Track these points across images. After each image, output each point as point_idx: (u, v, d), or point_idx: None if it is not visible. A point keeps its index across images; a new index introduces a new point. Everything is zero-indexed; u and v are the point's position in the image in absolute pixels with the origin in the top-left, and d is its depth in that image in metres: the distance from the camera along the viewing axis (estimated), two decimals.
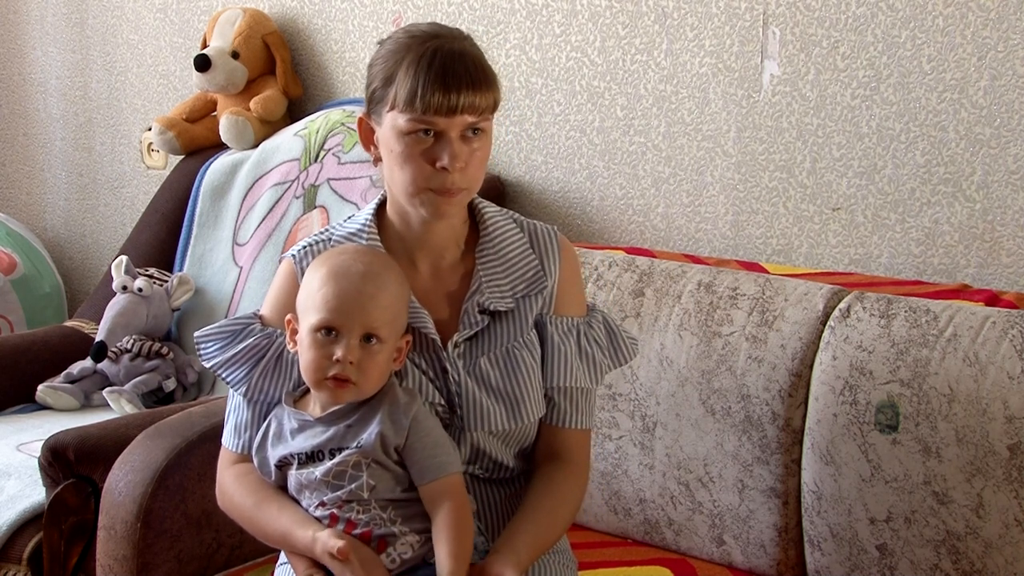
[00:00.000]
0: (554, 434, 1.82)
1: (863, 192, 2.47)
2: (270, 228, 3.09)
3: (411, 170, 1.68)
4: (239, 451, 1.79)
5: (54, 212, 3.99)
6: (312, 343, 1.65)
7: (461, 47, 1.69)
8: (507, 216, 1.85)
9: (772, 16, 2.54)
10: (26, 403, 3.02)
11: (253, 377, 1.76)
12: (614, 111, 2.78)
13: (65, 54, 3.85)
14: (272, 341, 1.76)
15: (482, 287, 1.78)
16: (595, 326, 1.84)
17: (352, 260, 1.68)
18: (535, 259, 1.81)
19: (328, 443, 1.67)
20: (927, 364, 2.02)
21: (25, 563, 2.39)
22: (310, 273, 1.69)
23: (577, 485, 1.81)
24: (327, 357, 1.64)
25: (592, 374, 1.82)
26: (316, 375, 1.65)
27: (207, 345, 1.79)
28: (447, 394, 1.75)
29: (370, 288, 1.65)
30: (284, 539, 1.71)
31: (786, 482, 2.16)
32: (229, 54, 3.26)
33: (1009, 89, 2.29)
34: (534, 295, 1.80)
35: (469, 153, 1.69)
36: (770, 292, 2.22)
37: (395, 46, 1.72)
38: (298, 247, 1.81)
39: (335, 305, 1.64)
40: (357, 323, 1.64)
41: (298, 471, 1.69)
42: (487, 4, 2.95)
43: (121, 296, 3.09)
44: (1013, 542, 1.95)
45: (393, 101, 1.68)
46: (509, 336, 1.78)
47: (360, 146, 1.85)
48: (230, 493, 1.78)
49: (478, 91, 1.67)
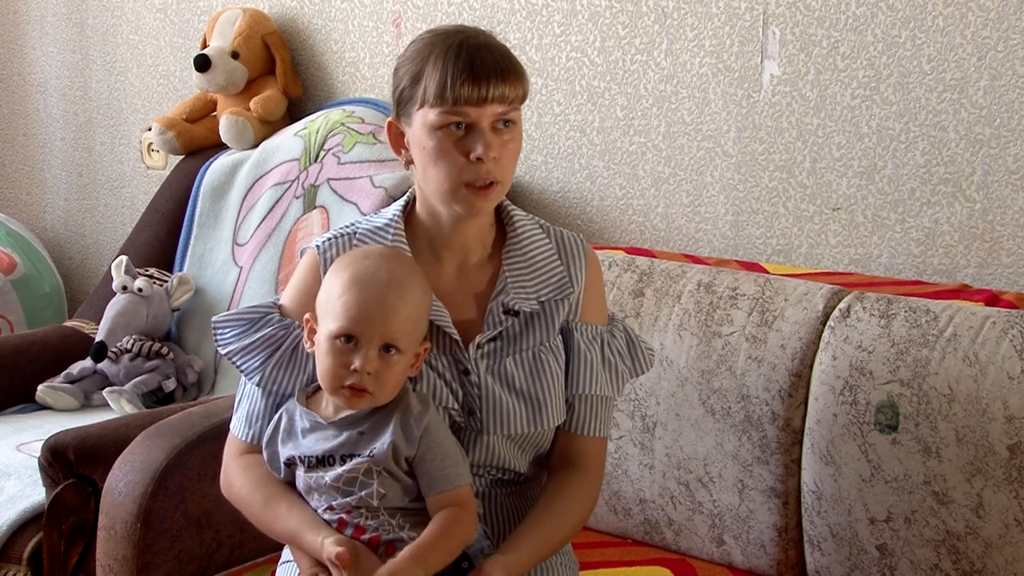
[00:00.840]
0: (571, 441, 1.82)
1: (863, 192, 2.47)
2: (270, 228, 3.09)
3: (445, 165, 1.68)
4: (249, 440, 1.78)
5: (54, 212, 3.99)
6: (330, 350, 1.64)
7: (487, 40, 1.71)
8: (534, 221, 1.85)
9: (772, 16, 2.54)
10: (26, 403, 3.02)
11: (268, 367, 1.75)
12: (614, 111, 2.78)
13: (65, 54, 3.85)
14: (289, 332, 1.75)
15: (508, 288, 1.77)
16: (617, 335, 1.84)
17: (376, 267, 1.66)
18: (561, 265, 1.82)
19: (339, 448, 1.66)
20: (927, 364, 2.02)
21: (25, 563, 2.39)
22: (332, 276, 1.67)
23: (589, 492, 1.81)
24: (345, 366, 1.63)
25: (614, 383, 1.83)
26: (333, 382, 1.64)
27: (224, 331, 1.78)
28: (464, 397, 1.75)
29: (392, 298, 1.63)
30: (293, 539, 1.70)
31: (786, 482, 2.16)
32: (229, 54, 3.26)
33: (1009, 89, 2.29)
34: (560, 301, 1.80)
35: (501, 145, 1.70)
36: (770, 292, 2.22)
37: (420, 46, 1.72)
38: (323, 238, 1.80)
39: (356, 314, 1.62)
40: (377, 333, 1.62)
41: (307, 474, 1.68)
42: (487, 4, 2.95)
43: (121, 296, 3.09)
44: (1013, 542, 1.95)
45: (423, 98, 1.68)
46: (536, 339, 1.78)
47: (360, 146, 1.84)
48: (237, 485, 1.77)
49: (507, 81, 1.68)
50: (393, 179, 2.90)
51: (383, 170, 2.93)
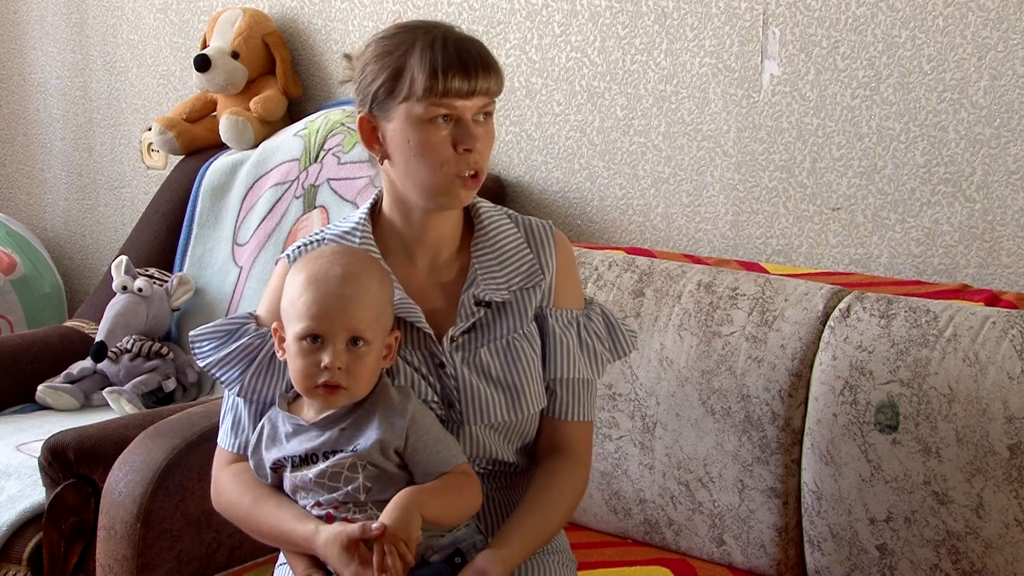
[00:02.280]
0: (555, 427, 1.83)
1: (863, 192, 2.47)
2: (270, 228, 3.09)
3: (434, 157, 1.70)
4: (235, 451, 1.79)
5: (54, 212, 3.99)
6: (299, 351, 1.65)
7: (464, 34, 1.73)
8: (501, 212, 1.86)
9: (772, 16, 2.54)
10: (26, 403, 3.03)
11: (246, 377, 1.76)
12: (614, 111, 2.78)
13: (65, 54, 3.85)
14: (265, 341, 1.76)
15: (478, 279, 1.78)
16: (594, 318, 1.85)
17: (329, 263, 1.67)
18: (530, 253, 1.82)
19: (322, 446, 1.67)
20: (927, 364, 2.02)
21: (25, 563, 2.39)
22: (290, 279, 1.69)
23: (577, 478, 1.82)
24: (315, 365, 1.64)
25: (593, 365, 1.83)
26: (306, 383, 1.65)
27: (201, 344, 1.80)
28: (443, 390, 1.75)
29: (349, 290, 1.64)
30: (283, 535, 1.71)
31: (786, 482, 2.16)
32: (229, 54, 3.26)
33: (1009, 89, 2.29)
34: (532, 288, 1.81)
35: (483, 136, 1.73)
36: (770, 292, 2.22)
37: (393, 42, 1.72)
38: (293, 247, 1.82)
39: (316, 312, 1.64)
40: (340, 327, 1.63)
41: (292, 473, 1.69)
42: (487, 4, 2.95)
43: (121, 296, 3.09)
44: (1013, 542, 1.95)
45: (408, 91, 1.69)
46: (509, 328, 1.79)
47: (360, 146, 1.85)
48: (227, 492, 1.78)
49: (491, 73, 1.71)
50: None
51: None
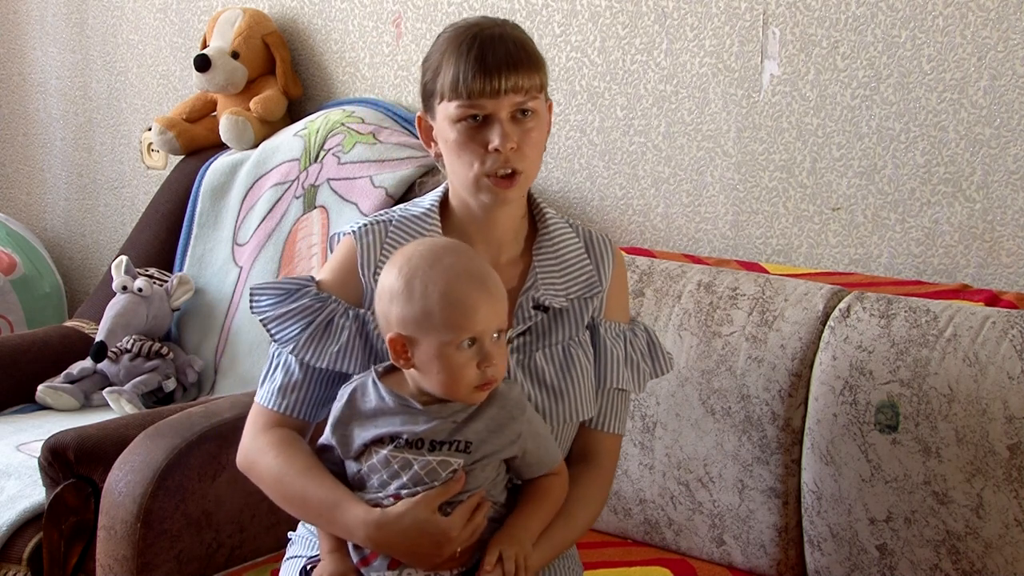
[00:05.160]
0: (590, 436, 1.84)
1: (863, 192, 2.47)
2: (270, 228, 3.09)
3: (466, 156, 1.70)
4: (282, 411, 1.75)
5: (54, 212, 3.99)
6: (458, 358, 1.60)
7: (501, 31, 1.72)
8: (563, 219, 1.87)
9: (772, 16, 2.54)
10: (26, 403, 3.02)
11: (302, 337, 1.74)
12: (614, 111, 2.78)
13: (65, 54, 3.85)
14: (326, 306, 1.75)
15: (538, 283, 1.79)
16: (639, 335, 1.86)
17: (460, 262, 1.63)
18: (590, 264, 1.83)
19: (430, 434, 1.62)
20: (927, 364, 2.02)
21: (25, 563, 2.39)
22: (419, 287, 1.62)
23: (601, 490, 1.83)
24: (478, 366, 1.61)
25: (636, 380, 1.85)
26: (465, 389, 1.62)
27: (260, 299, 1.78)
28: None
29: (493, 287, 1.63)
30: (331, 508, 1.64)
31: (786, 482, 2.16)
32: (229, 54, 3.26)
33: (1009, 89, 2.29)
34: (589, 298, 1.82)
35: (522, 134, 1.71)
36: (770, 292, 2.22)
37: (440, 40, 1.75)
38: (358, 224, 1.80)
39: (479, 316, 1.60)
40: (495, 324, 1.62)
41: (392, 452, 1.63)
42: (487, 4, 2.95)
43: (121, 296, 3.09)
44: (1013, 542, 1.95)
45: (441, 92, 1.71)
46: (565, 335, 1.79)
47: (360, 146, 1.85)
48: (270, 455, 1.72)
49: (519, 71, 1.69)
50: (393, 179, 2.90)
51: (383, 170, 2.93)
